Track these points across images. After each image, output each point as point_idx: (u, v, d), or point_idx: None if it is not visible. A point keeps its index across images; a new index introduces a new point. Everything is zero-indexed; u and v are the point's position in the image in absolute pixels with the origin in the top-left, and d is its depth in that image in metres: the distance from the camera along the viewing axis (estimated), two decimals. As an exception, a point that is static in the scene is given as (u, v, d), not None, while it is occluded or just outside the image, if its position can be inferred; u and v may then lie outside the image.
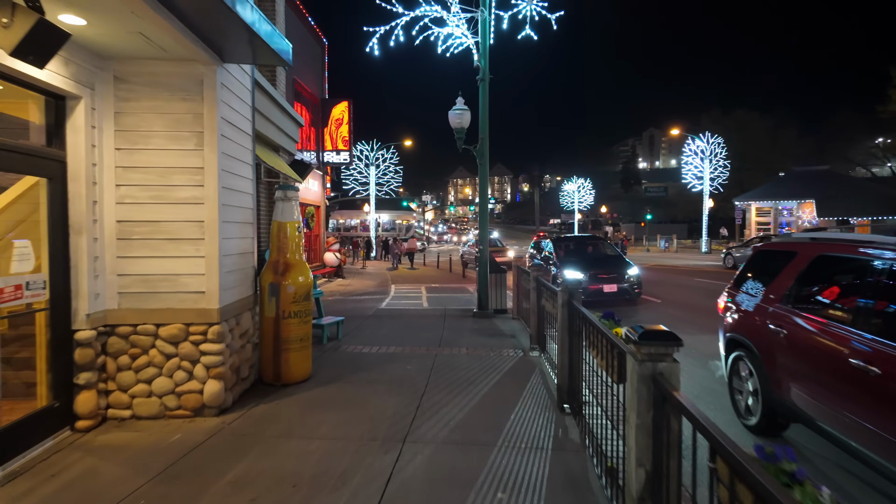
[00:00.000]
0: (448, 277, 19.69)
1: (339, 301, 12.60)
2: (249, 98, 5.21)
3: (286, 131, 7.86)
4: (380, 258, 31.73)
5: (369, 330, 8.48)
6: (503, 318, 9.72)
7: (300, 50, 16.44)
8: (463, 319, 9.56)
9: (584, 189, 64.19)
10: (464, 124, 9.69)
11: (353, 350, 6.96)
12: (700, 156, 39.29)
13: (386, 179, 38.83)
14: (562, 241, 13.29)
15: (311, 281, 5.52)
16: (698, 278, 16.95)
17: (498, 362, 6.38)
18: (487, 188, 9.95)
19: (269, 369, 5.30)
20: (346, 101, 18.84)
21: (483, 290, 9.95)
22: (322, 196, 18.87)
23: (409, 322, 9.28)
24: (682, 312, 10.32)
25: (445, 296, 13.57)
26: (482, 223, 10.13)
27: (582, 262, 11.41)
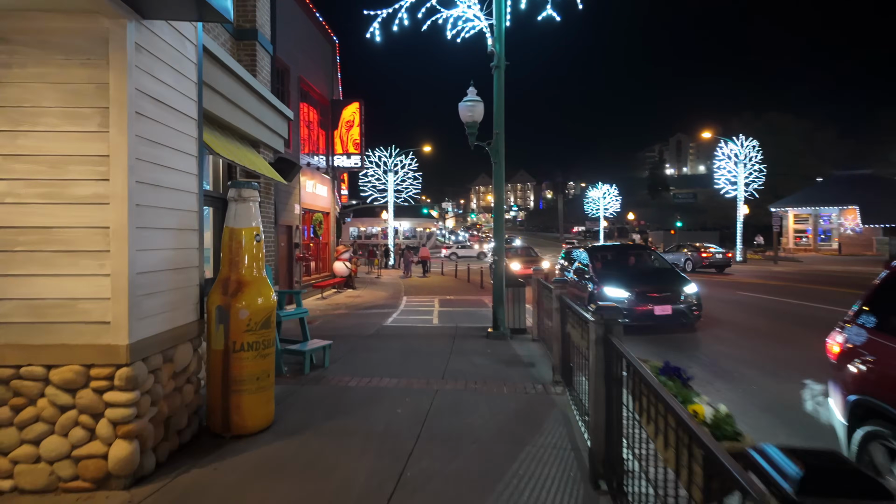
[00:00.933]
0: (465, 289, 18.46)
1: (341, 316, 11.49)
2: (193, 72, 4.11)
3: (267, 124, 6.80)
4: (398, 266, 30.68)
5: (364, 355, 7.30)
6: (521, 339, 8.44)
7: (307, 48, 15.55)
8: (475, 341, 8.32)
9: (609, 195, 62.24)
10: (476, 118, 8.50)
11: (337, 383, 5.78)
12: (734, 160, 37.27)
13: (405, 186, 37.90)
14: (598, 250, 11.28)
15: (272, 303, 4.37)
16: (743, 291, 15.32)
17: (512, 403, 5.12)
18: (503, 190, 8.72)
19: (217, 416, 4.16)
20: (357, 103, 17.88)
21: (498, 307, 8.69)
22: (332, 202, 17.89)
23: (412, 344, 8.08)
24: (760, 344, 8.04)
25: (459, 310, 12.34)
26: (497, 229, 8.89)
27: (625, 276, 9.44)
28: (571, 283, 10.46)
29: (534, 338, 8.42)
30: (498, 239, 8.87)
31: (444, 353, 7.35)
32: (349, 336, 8.77)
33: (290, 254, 13.82)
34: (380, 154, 37.21)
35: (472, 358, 7.08)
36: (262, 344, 4.25)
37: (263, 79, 7.14)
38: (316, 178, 16.15)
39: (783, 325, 9.66)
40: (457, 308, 12.83)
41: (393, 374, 6.18)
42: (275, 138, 7.21)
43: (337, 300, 14.86)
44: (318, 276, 16.32)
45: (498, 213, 8.82)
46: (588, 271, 10.10)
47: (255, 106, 6.36)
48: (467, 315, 11.51)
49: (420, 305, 13.51)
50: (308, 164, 15.31)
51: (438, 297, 15.56)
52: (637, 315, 8.63)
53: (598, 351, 3.39)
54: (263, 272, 4.43)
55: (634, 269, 10.28)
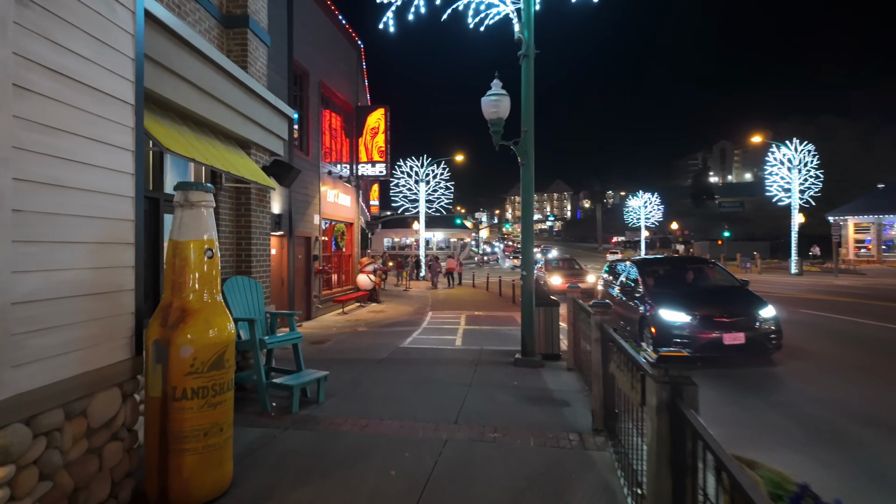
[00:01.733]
0: (495, 303, 17.32)
1: (357, 335, 10.57)
2: (129, 45, 3.26)
3: (260, 123, 5.97)
4: (428, 278, 29.76)
5: (368, 386, 6.32)
6: (554, 368, 7.29)
7: (329, 52, 14.93)
8: (500, 369, 7.22)
9: (651, 204, 59.77)
10: (501, 114, 7.47)
11: (327, 426, 4.81)
12: (787, 165, 34.79)
13: (436, 196, 37.13)
14: (651, 264, 9.58)
15: (227, 336, 3.44)
16: (807, 309, 13.56)
17: (539, 461, 4.02)
18: (532, 194, 7.63)
19: (153, 482, 3.24)
20: (382, 109, 17.14)
21: (528, 329, 7.58)
22: (356, 212, 17.15)
23: (427, 373, 7.05)
24: (858, 383, 6.37)
25: (486, 329, 11.24)
26: (525, 239, 7.78)
27: (685, 296, 7.90)
28: (617, 301, 9.18)
29: (569, 366, 7.26)
30: (526, 249, 7.76)
31: (463, 386, 6.29)
32: (358, 361, 7.81)
33: (309, 266, 13.06)
34: (411, 164, 36.63)
35: (494, 393, 5.99)
36: (211, 390, 3.31)
37: (257, 72, 6.33)
38: (338, 187, 15.44)
39: (874, 355, 8.09)
40: (484, 326, 11.73)
41: (397, 413, 5.17)
42: (270, 139, 6.38)
43: (358, 315, 14.00)
44: (340, 290, 15.55)
45: (526, 219, 7.73)
46: (638, 289, 8.63)
47: (241, 101, 5.53)
48: (495, 335, 10.40)
49: (444, 322, 12.47)
50: (329, 172, 14.61)
51: (466, 312, 14.49)
52: (701, 345, 7.14)
53: (661, 424, 2.28)
54: (219, 296, 3.51)
55: (695, 288, 8.68)
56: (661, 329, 7.38)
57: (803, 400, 5.82)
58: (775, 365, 7.39)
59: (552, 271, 19.64)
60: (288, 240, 11.75)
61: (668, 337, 7.24)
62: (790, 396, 5.98)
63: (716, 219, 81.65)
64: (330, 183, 14.75)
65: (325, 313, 13.93)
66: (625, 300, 8.97)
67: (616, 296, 9.48)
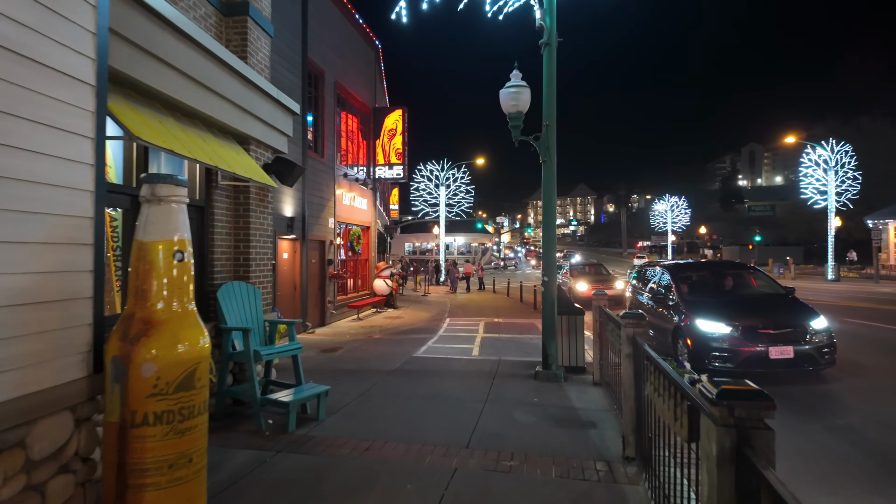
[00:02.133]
0: (515, 309, 16.71)
1: (371, 343, 10.11)
2: (89, 16, 2.85)
3: (260, 117, 5.57)
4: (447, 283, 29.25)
5: (376, 401, 5.82)
6: (578, 383, 6.69)
7: (346, 52, 14.60)
8: (519, 383, 6.66)
9: (678, 208, 58.24)
10: (521, 107, 6.93)
11: (324, 449, 4.32)
12: (823, 167, 33.27)
13: (457, 200, 36.68)
14: (685, 269, 8.66)
15: (200, 352, 2.98)
16: (853, 318, 12.58)
17: (562, 496, 3.45)
18: (554, 194, 7.05)
19: (111, 521, 2.80)
20: (399, 110, 16.74)
21: (549, 340, 6.99)
22: (373, 216, 16.76)
23: (440, 387, 6.53)
24: None
25: (506, 338, 10.66)
26: (547, 242, 7.20)
27: (725, 304, 7.16)
28: (647, 309, 8.50)
29: (595, 380, 6.65)
30: (548, 253, 7.19)
31: (478, 402, 5.74)
32: (368, 372, 7.33)
33: (323, 271, 12.69)
34: (431, 168, 36.27)
35: (512, 411, 5.43)
36: (178, 414, 2.85)
37: (258, 63, 5.94)
38: (355, 190, 15.07)
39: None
40: (503, 334, 11.15)
41: (404, 435, 4.66)
42: (272, 135, 5.97)
43: (373, 321, 13.56)
44: (355, 295, 15.15)
45: (548, 221, 7.16)
46: (672, 297, 7.90)
47: (239, 93, 5.12)
48: (514, 344, 9.82)
49: (462, 330, 11.94)
50: (345, 174, 14.25)
51: (485, 319, 13.92)
52: (744, 359, 6.39)
53: (723, 481, 1.72)
54: (191, 305, 3.06)
55: (736, 296, 7.90)
56: (698, 341, 6.71)
57: (867, 424, 5.11)
58: (828, 382, 6.64)
59: (578, 277, 18.41)
60: (301, 243, 11.39)
61: (705, 350, 6.57)
62: (851, 420, 5.27)
63: (745, 223, 79.08)
64: (346, 186, 14.38)
65: (339, 319, 13.53)
66: (656, 308, 8.29)
67: (646, 303, 8.81)
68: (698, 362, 6.62)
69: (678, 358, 3.08)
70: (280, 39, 10.64)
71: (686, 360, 6.95)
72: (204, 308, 5.16)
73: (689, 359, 6.65)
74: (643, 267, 9.99)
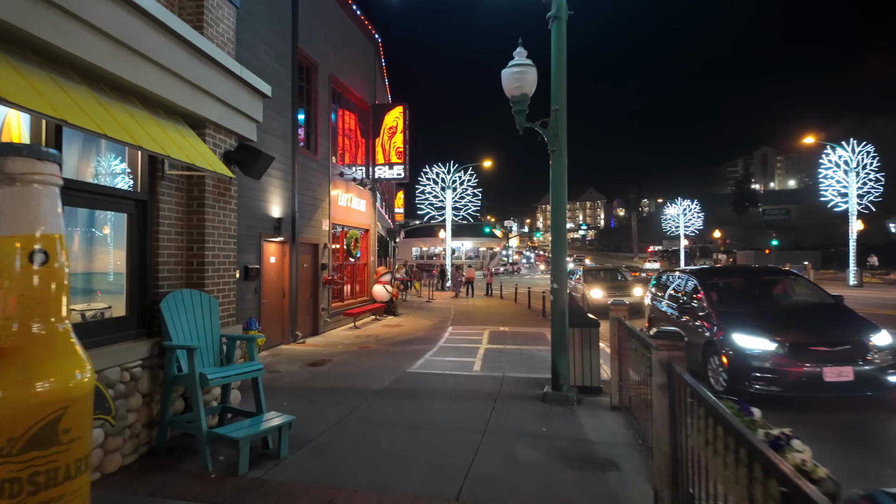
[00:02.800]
0: (523, 317, 15.76)
1: (362, 355, 9.24)
2: None
3: (221, 97, 4.76)
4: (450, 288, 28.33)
5: (353, 432, 4.94)
6: (594, 407, 5.77)
7: (342, 45, 13.82)
8: (524, 407, 5.75)
9: (690, 212, 56.95)
10: (525, 89, 6.05)
11: (277, 499, 3.44)
12: (844, 168, 32.01)
13: (463, 203, 35.85)
14: (714, 275, 7.61)
15: (71, 391, 2.12)
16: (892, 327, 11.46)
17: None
18: (564, 190, 6.15)
19: None
20: (400, 106, 15.91)
21: (560, 355, 6.08)
22: (372, 218, 15.93)
23: (432, 410, 5.63)
24: None
25: (511, 349, 9.74)
26: (557, 245, 6.28)
27: (766, 316, 6.11)
28: (670, 319, 7.55)
29: (613, 404, 5.73)
30: (557, 257, 6.27)
31: (475, 432, 4.85)
32: (352, 391, 6.45)
33: (316, 276, 11.85)
34: (437, 170, 35.48)
35: (514, 445, 4.53)
36: (29, 483, 1.98)
37: (219, 36, 5.12)
38: (352, 190, 14.25)
39: None
40: (508, 345, 10.23)
41: (380, 479, 3.77)
42: (235, 119, 5.13)
43: (370, 330, 12.70)
44: (353, 302, 14.30)
45: (558, 221, 6.25)
46: (701, 306, 6.90)
47: (187, 65, 4.30)
48: (520, 357, 8.90)
49: (464, 340, 11.03)
50: (341, 174, 13.42)
51: (489, 328, 13.00)
52: (793, 382, 5.40)
53: None
54: (62, 326, 2.20)
55: (777, 305, 6.87)
56: (737, 359, 5.76)
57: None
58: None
59: (592, 283, 16.59)
60: (291, 247, 10.57)
61: (745, 370, 5.61)
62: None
63: (758, 227, 77.54)
64: (342, 186, 13.57)
65: (334, 328, 12.68)
66: (680, 319, 7.32)
67: (668, 313, 7.85)
68: (736, 383, 5.66)
69: (741, 404, 2.27)
70: (266, 26, 9.87)
71: (721, 379, 5.99)
72: (148, 321, 4.32)
73: (727, 380, 5.70)
74: (664, 273, 8.98)
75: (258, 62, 9.60)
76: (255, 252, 9.38)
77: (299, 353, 9.48)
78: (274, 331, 10.06)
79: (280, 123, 10.34)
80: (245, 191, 9.10)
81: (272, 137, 9.97)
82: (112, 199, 4.10)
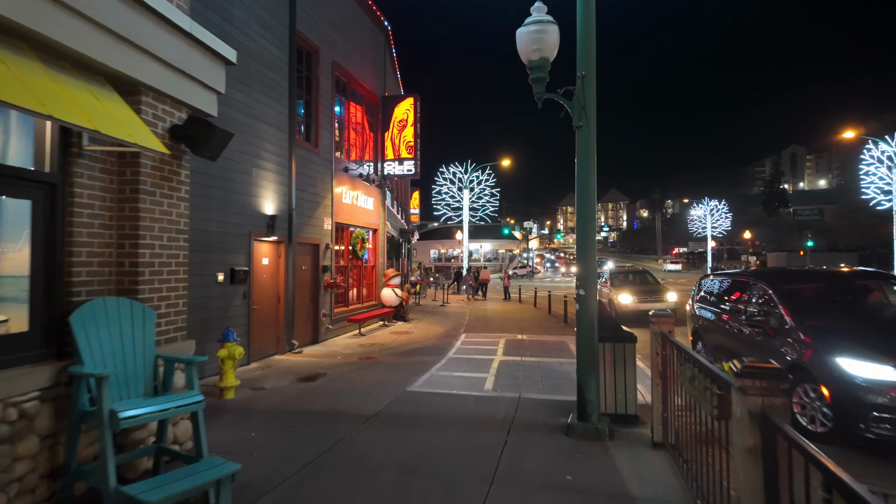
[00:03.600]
0: (543, 323, 14.59)
1: (363, 368, 8.22)
2: None
3: (164, 58, 3.83)
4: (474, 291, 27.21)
5: (327, 475, 3.90)
6: (631, 441, 4.64)
7: (348, 31, 12.89)
8: (544, 443, 4.65)
9: (718, 212, 54.80)
10: (545, 51, 4.96)
11: None
12: (888, 164, 29.96)
13: (481, 204, 34.70)
14: (791, 279, 6.11)
15: None
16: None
17: None
18: (593, 174, 5.03)
19: None
20: (411, 98, 14.90)
21: (588, 377, 4.97)
22: (381, 217, 14.95)
23: (429, 449, 4.57)
24: None
25: (530, 362, 8.62)
26: (583, 242, 5.14)
27: (877, 333, 4.86)
28: (724, 332, 6.33)
29: (655, 440, 4.59)
30: (585, 258, 5.14)
31: (480, 482, 3.77)
32: (340, 417, 5.43)
33: (316, 279, 10.91)
34: (454, 170, 34.44)
35: (533, 499, 3.44)
36: None
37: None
38: (359, 187, 13.29)
39: None
40: (526, 357, 9.11)
41: (342, 563, 2.72)
42: (186, 85, 4.17)
43: (376, 338, 11.70)
44: (360, 306, 13.32)
45: (585, 215, 5.13)
46: (781, 320, 5.44)
47: (111, 10, 3.33)
48: (540, 372, 7.78)
49: (477, 350, 9.94)
50: (346, 169, 12.47)
51: (506, 335, 11.88)
52: None
53: None
54: None
55: (883, 319, 5.47)
56: (846, 392, 4.44)
57: None
58: None
59: (620, 287, 15.13)
60: (287, 247, 9.63)
61: (860, 407, 4.31)
62: None
63: (789, 228, 74.50)
64: (347, 182, 12.61)
65: (337, 335, 11.72)
66: (742, 334, 6.02)
67: (722, 325, 6.55)
68: (847, 425, 4.42)
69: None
70: (259, 5, 8.97)
71: (822, 418, 4.71)
72: (56, 339, 3.36)
73: (833, 419, 4.44)
74: (714, 276, 7.66)
75: (251, 43, 8.70)
76: (245, 253, 8.46)
77: (293, 364, 8.52)
78: (267, 340, 9.13)
79: (276, 111, 9.42)
80: (232, 184, 8.19)
81: (266, 126, 9.06)
82: (5, 179, 3.14)
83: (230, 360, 6.33)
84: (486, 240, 64.20)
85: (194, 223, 7.42)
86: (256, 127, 8.80)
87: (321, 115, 11.22)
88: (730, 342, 6.37)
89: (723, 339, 6.55)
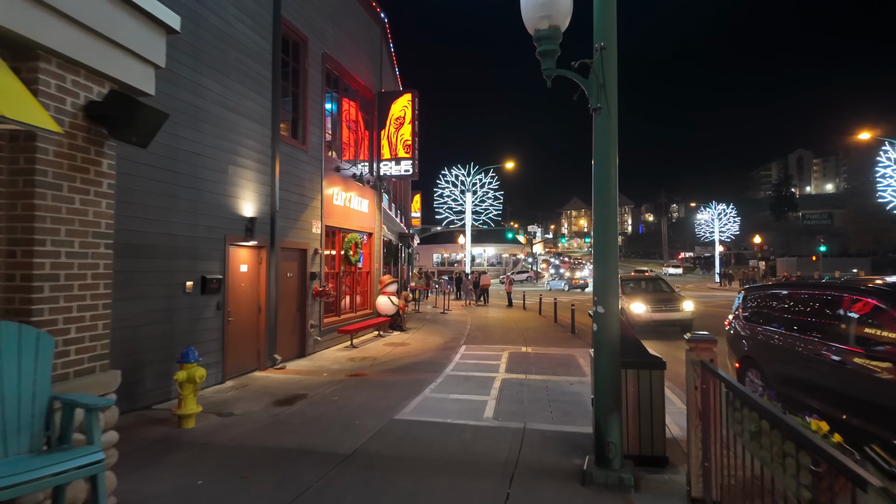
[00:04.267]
0: (550, 334, 13.67)
1: (349, 388, 7.35)
2: None
3: (72, 15, 3.05)
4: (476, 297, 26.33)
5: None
6: (661, 494, 3.77)
7: (341, 22, 12.09)
8: (555, 496, 3.77)
9: (725, 216, 53.73)
10: (555, 18, 4.10)
11: None
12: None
13: (484, 207, 33.88)
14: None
15: None
16: None
17: None
18: (614, 166, 4.17)
19: None
20: (408, 94, 14.09)
21: (609, 415, 4.08)
22: (377, 221, 14.10)
23: (413, 501, 3.70)
24: None
25: (536, 381, 7.73)
26: (601, 245, 4.23)
27: None
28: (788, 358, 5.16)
29: (694, 495, 3.69)
30: (604, 266, 4.25)
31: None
32: (310, 456, 4.56)
33: (303, 287, 10.06)
34: (456, 172, 33.62)
35: None
36: None
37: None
38: (352, 188, 12.46)
39: None
40: (532, 374, 8.22)
41: None
42: (106, 53, 3.34)
43: (369, 350, 10.83)
44: (352, 315, 12.46)
45: (605, 215, 4.24)
46: None
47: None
48: (547, 394, 6.89)
49: (478, 365, 9.06)
50: (337, 168, 11.64)
51: (509, 348, 10.99)
52: None
53: None
54: None
55: None
56: None
57: None
58: None
59: (632, 295, 14.02)
60: (269, 252, 8.79)
61: None
62: None
63: (798, 233, 73.25)
64: (339, 183, 11.79)
65: (327, 347, 10.86)
66: (830, 360, 4.59)
67: (802, 354, 5.03)
68: None
69: None
70: (239, -13, 8.18)
71: None
72: None
73: None
74: (770, 287, 6.40)
75: (227, 27, 7.90)
76: (219, 259, 7.62)
77: (272, 383, 7.67)
78: (245, 355, 8.27)
79: (257, 104, 8.61)
80: (203, 183, 7.36)
81: (245, 119, 8.24)
82: None
83: (189, 383, 5.48)
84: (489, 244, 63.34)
85: (157, 226, 6.59)
86: (233, 120, 7.98)
87: (310, 110, 10.40)
88: (819, 379, 4.81)
89: (800, 372, 5.06)
